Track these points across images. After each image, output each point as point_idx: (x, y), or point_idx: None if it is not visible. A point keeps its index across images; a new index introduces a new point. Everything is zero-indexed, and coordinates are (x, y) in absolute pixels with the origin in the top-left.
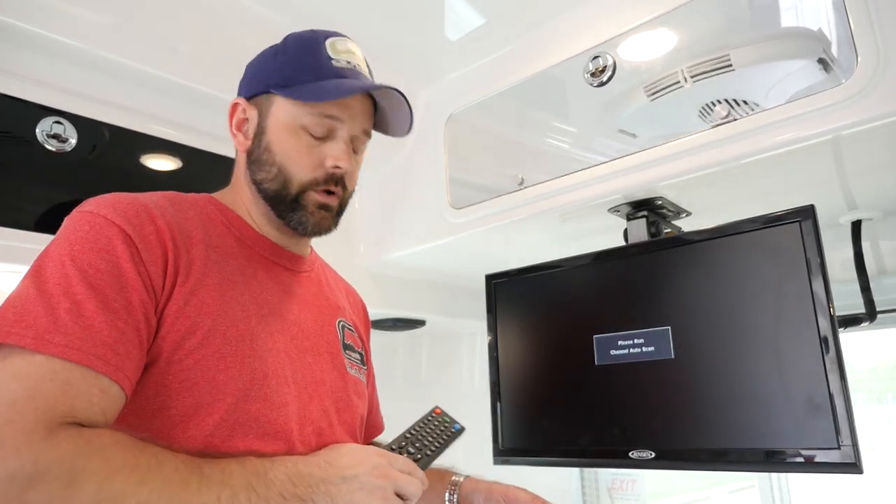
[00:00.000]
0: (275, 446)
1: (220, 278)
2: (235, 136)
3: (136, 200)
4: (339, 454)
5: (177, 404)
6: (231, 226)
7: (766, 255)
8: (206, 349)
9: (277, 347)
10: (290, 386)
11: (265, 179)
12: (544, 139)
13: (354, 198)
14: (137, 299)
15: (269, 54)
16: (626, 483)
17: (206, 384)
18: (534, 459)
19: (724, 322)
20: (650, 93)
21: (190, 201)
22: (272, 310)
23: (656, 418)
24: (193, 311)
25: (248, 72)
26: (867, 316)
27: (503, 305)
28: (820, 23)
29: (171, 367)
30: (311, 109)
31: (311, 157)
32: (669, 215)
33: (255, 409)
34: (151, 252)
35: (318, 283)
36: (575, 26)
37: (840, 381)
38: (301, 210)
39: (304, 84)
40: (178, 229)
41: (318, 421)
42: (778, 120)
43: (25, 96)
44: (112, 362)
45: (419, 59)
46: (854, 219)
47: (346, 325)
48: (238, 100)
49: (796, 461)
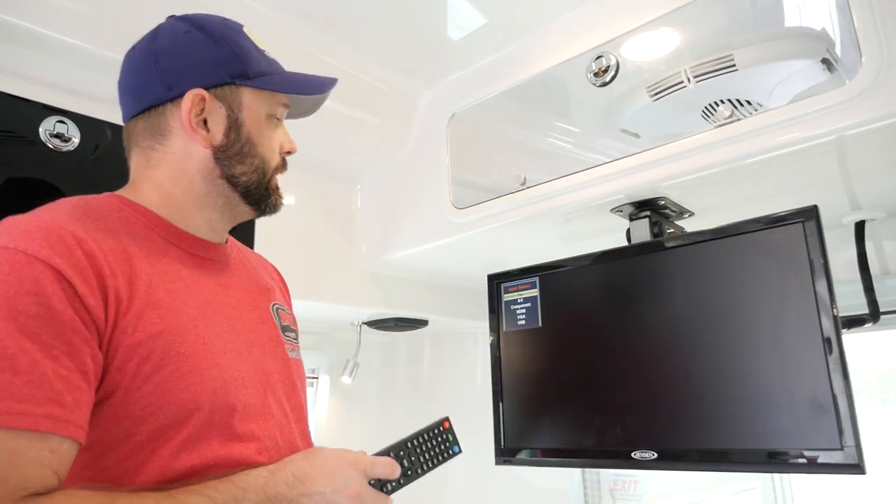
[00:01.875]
0: (242, 449)
1: (163, 291)
2: (196, 131)
3: (56, 225)
4: (310, 466)
5: (142, 430)
6: (154, 227)
7: (769, 255)
8: (165, 371)
9: (228, 348)
10: (246, 385)
11: (245, 172)
12: (547, 139)
13: (356, 197)
14: (79, 339)
15: (200, 40)
16: (628, 483)
17: (172, 406)
18: (536, 460)
19: (726, 322)
20: (653, 93)
21: (104, 207)
22: (215, 310)
23: (659, 419)
24: (144, 335)
25: (180, 61)
26: (871, 317)
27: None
28: (823, 23)
29: (130, 396)
30: (275, 99)
31: (276, 144)
32: (672, 215)
33: (218, 418)
34: (87, 283)
35: (245, 268)
36: (577, 26)
37: (843, 382)
38: (272, 194)
39: (268, 75)
40: (108, 247)
41: (276, 414)
42: (781, 120)
43: (29, 95)
44: (60, 417)
45: (421, 58)
46: (857, 219)
47: (279, 307)
48: (199, 91)
49: (799, 462)
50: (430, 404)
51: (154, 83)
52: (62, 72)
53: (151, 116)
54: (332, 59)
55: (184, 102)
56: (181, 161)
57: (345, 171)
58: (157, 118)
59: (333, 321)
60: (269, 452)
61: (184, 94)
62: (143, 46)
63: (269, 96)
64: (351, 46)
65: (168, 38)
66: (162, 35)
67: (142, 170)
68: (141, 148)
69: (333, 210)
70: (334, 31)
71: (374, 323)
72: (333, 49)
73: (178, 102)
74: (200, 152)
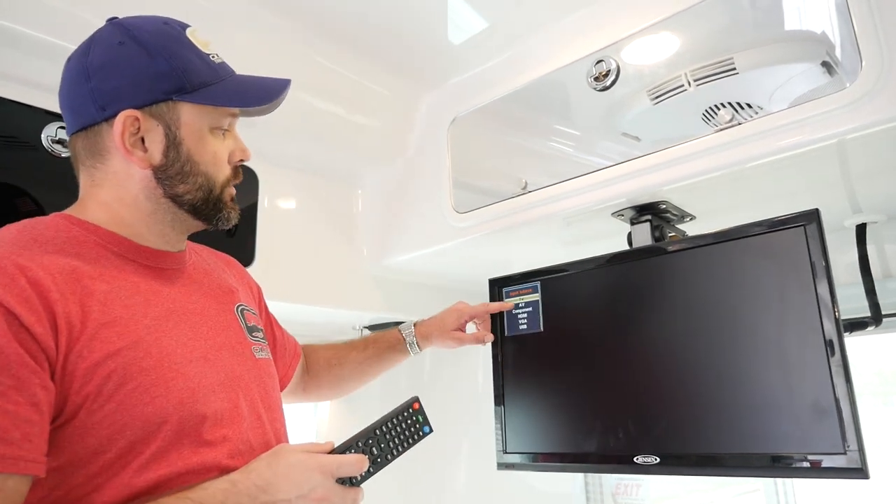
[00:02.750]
0: (214, 454)
1: (118, 308)
2: (132, 152)
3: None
4: (274, 474)
5: (110, 448)
6: (106, 243)
7: (770, 259)
8: (127, 388)
9: (194, 356)
10: (215, 391)
11: (189, 191)
12: (548, 143)
13: (357, 201)
14: (27, 372)
15: (134, 54)
16: (630, 487)
17: (138, 422)
18: (538, 465)
19: (728, 326)
20: (654, 96)
21: (52, 228)
22: (178, 318)
23: (660, 423)
24: (100, 356)
25: (112, 79)
26: (873, 320)
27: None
28: (823, 26)
29: (93, 417)
30: (219, 111)
31: (224, 156)
32: (673, 219)
33: (189, 426)
34: (33, 312)
35: (206, 272)
36: (578, 30)
37: (846, 386)
38: (224, 208)
39: (211, 86)
40: (56, 270)
41: (248, 416)
42: (782, 124)
43: (31, 101)
44: (6, 456)
45: (422, 63)
46: (859, 222)
47: (244, 308)
48: (131, 112)
49: (802, 466)
50: (431, 408)
51: (87, 103)
52: None
53: (89, 136)
54: (334, 63)
55: (115, 124)
56: (124, 181)
57: (346, 174)
58: (95, 138)
59: (335, 325)
60: (242, 456)
61: (116, 114)
62: (76, 59)
63: (212, 108)
64: (352, 51)
65: (100, 53)
66: (95, 47)
67: (88, 188)
68: (85, 166)
69: (335, 214)
70: (335, 36)
71: (376, 327)
72: (334, 54)
73: (112, 122)
74: (140, 172)
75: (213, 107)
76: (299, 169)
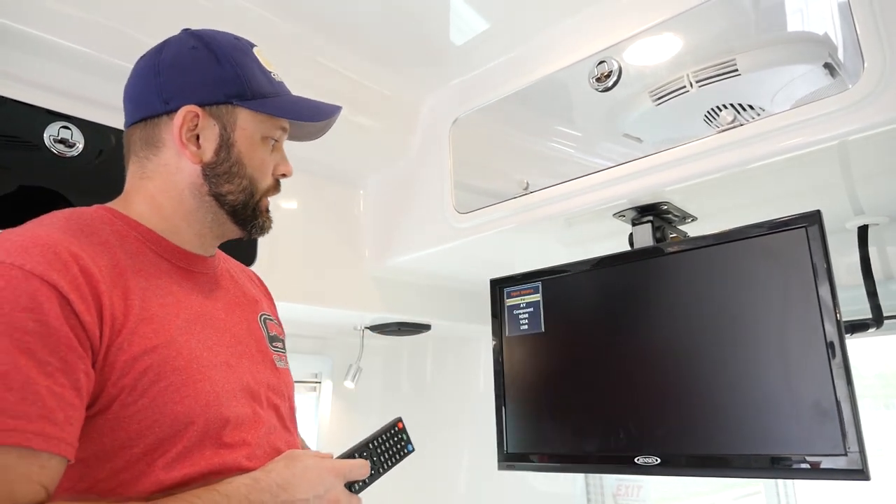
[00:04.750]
0: (235, 457)
1: (155, 306)
2: (186, 146)
3: (52, 241)
4: (292, 474)
5: (138, 443)
6: (146, 241)
7: (771, 260)
8: (159, 386)
9: (220, 361)
10: (237, 397)
11: (232, 191)
12: (549, 144)
13: (359, 202)
14: (74, 356)
15: (204, 58)
16: (631, 488)
17: (168, 420)
18: (539, 465)
19: (729, 327)
20: (655, 97)
21: (98, 220)
22: (205, 323)
23: (662, 424)
24: (140, 349)
25: (180, 77)
26: (874, 321)
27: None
28: (826, 27)
29: (125, 411)
30: (272, 123)
31: (270, 166)
32: (675, 220)
33: (214, 428)
34: (83, 300)
35: (232, 279)
36: (580, 31)
37: (847, 387)
38: (260, 216)
39: (269, 98)
40: (103, 263)
41: (266, 422)
42: (784, 125)
43: (33, 101)
44: (52, 435)
45: (424, 63)
46: (860, 224)
47: (267, 318)
48: (192, 108)
49: (803, 467)
50: (432, 409)
51: (152, 95)
52: (67, 77)
53: (148, 127)
54: (336, 64)
55: (176, 117)
56: (173, 174)
57: (348, 175)
58: (153, 129)
59: (336, 326)
60: (258, 459)
61: (179, 108)
62: (149, 57)
63: (267, 118)
64: (354, 52)
65: (172, 53)
66: (168, 48)
67: (136, 180)
68: (137, 157)
69: (337, 214)
70: (337, 37)
71: (377, 327)
72: (336, 55)
73: (173, 116)
74: (190, 167)
75: (267, 117)
76: (301, 170)
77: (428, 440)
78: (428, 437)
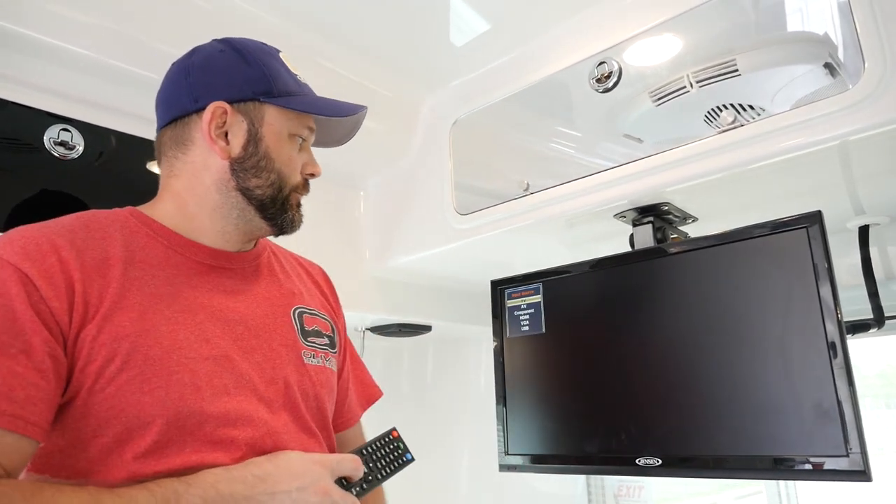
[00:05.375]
0: (218, 456)
1: (141, 296)
2: (215, 141)
3: (40, 233)
4: (275, 466)
5: (106, 433)
6: (157, 235)
7: (773, 260)
8: (127, 373)
9: (214, 354)
10: (230, 391)
11: (260, 186)
12: (550, 145)
13: (360, 203)
14: (38, 340)
15: (232, 59)
16: (632, 489)
17: (133, 409)
18: (540, 466)
19: (730, 328)
20: (656, 98)
21: (109, 218)
22: (209, 314)
23: (663, 425)
24: (109, 337)
25: (209, 76)
26: (875, 322)
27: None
28: (826, 27)
29: (93, 398)
30: (299, 121)
31: (298, 163)
32: (676, 221)
33: (190, 423)
34: (54, 287)
35: (270, 273)
36: (580, 31)
37: (848, 388)
38: (289, 210)
39: (295, 96)
40: (88, 255)
41: (270, 422)
42: (784, 125)
43: (33, 104)
44: (6, 412)
45: (424, 64)
46: (861, 224)
47: (304, 311)
48: (221, 104)
49: (804, 468)
50: (433, 410)
51: (182, 95)
52: (66, 80)
53: (178, 127)
54: (336, 65)
55: (205, 113)
56: (199, 171)
57: (348, 177)
58: (183, 128)
59: None
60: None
61: (207, 105)
62: (179, 62)
63: (294, 116)
64: (354, 53)
65: (202, 56)
66: (198, 52)
67: (165, 179)
68: (167, 157)
69: (337, 216)
70: (337, 38)
71: (378, 329)
72: (336, 55)
73: (202, 114)
74: (218, 163)
75: (294, 114)
76: None
77: (429, 441)
78: (429, 439)
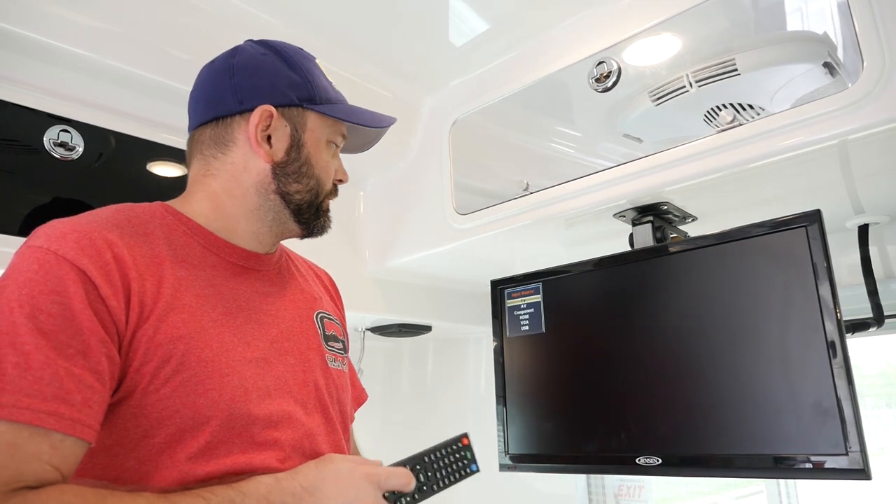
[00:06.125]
0: (265, 457)
1: (190, 296)
2: (260, 145)
3: (90, 228)
4: (322, 479)
5: (159, 433)
6: (194, 235)
7: (772, 260)
8: (183, 375)
9: (255, 357)
10: (271, 394)
11: (299, 191)
12: (549, 144)
13: (359, 204)
14: (96, 341)
15: (277, 63)
16: (633, 489)
17: (188, 411)
18: (540, 466)
19: (730, 327)
20: (655, 98)
21: (148, 213)
22: (248, 317)
23: (663, 424)
24: (165, 338)
25: (255, 78)
26: (875, 321)
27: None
28: (825, 27)
29: (147, 398)
30: (336, 128)
31: (332, 169)
32: (675, 220)
33: (239, 425)
34: (112, 286)
35: (292, 276)
36: (579, 31)
37: (848, 387)
38: (322, 215)
39: (335, 104)
40: (140, 252)
41: (307, 424)
42: (784, 125)
43: (33, 105)
44: (66, 415)
45: (423, 64)
46: (861, 223)
47: (325, 316)
48: (268, 108)
49: (804, 467)
50: (434, 410)
51: (227, 95)
52: (66, 81)
53: (219, 126)
54: (335, 65)
55: (252, 116)
56: (239, 173)
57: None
58: (225, 128)
59: None
60: (292, 462)
61: (254, 108)
62: (221, 61)
63: (332, 123)
64: (353, 53)
65: (246, 57)
66: (241, 53)
67: (199, 177)
68: (203, 156)
69: (337, 216)
70: (336, 39)
71: (378, 329)
72: (336, 56)
73: (246, 116)
74: (260, 166)
75: (332, 122)
76: None
77: (429, 441)
78: (429, 438)
